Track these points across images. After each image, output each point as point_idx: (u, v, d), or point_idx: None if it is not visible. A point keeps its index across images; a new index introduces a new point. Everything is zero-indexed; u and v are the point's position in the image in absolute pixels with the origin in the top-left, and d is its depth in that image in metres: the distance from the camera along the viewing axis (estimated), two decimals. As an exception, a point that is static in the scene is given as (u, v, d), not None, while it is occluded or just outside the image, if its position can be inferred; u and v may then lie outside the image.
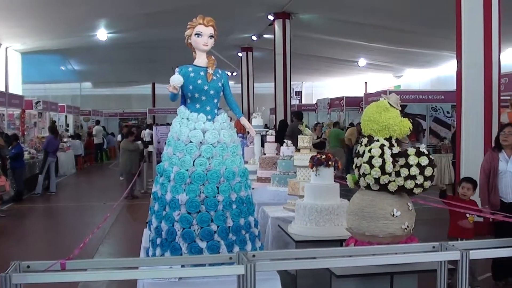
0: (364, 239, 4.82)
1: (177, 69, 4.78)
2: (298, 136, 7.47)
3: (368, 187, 4.83)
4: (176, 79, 4.69)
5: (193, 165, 4.55)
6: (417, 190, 4.69)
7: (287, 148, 8.56)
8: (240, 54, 32.11)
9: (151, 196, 4.95)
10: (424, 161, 4.64)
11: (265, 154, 9.62)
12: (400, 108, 4.94)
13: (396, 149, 4.75)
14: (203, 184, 4.52)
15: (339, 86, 39.66)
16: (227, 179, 4.57)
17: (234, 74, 36.45)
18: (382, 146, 4.72)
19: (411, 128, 4.87)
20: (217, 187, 4.55)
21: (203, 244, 4.47)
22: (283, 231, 6.34)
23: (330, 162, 6.06)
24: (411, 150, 4.70)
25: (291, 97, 25.16)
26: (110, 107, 42.88)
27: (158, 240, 4.63)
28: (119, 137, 26.85)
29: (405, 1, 18.11)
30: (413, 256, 3.87)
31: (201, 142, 4.60)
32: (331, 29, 23.95)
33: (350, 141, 19.97)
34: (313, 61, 31.88)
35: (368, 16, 20.60)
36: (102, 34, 25.25)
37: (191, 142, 4.60)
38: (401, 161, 4.68)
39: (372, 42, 25.71)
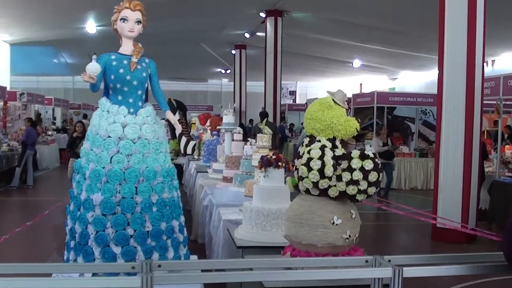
0: (301, 248, 4.39)
1: (94, 56, 4.33)
2: (258, 135, 7.05)
3: (307, 191, 4.39)
4: (92, 67, 4.25)
5: (110, 162, 4.11)
6: (360, 197, 4.25)
7: (250, 147, 8.12)
8: (233, 52, 31.67)
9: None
10: (368, 165, 4.19)
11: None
12: (347, 107, 4.50)
13: (339, 151, 4.31)
14: (120, 184, 4.08)
15: (333, 86, 39.03)
16: (147, 179, 4.13)
17: (228, 71, 36.04)
18: (323, 147, 4.28)
19: (358, 129, 4.42)
20: (136, 187, 4.10)
21: (117, 250, 4.05)
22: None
23: (280, 163, 5.63)
24: (355, 153, 4.26)
25: (281, 96, 24.72)
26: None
27: (72, 243, 4.22)
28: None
29: (398, 2, 17.69)
30: (338, 271, 3.42)
31: (120, 138, 4.16)
32: (324, 29, 23.57)
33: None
34: (307, 61, 31.46)
35: (362, 17, 20.20)
36: (91, 26, 24.86)
37: (109, 137, 4.17)
38: (344, 164, 4.25)
39: (366, 43, 25.28)
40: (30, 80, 39.39)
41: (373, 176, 4.19)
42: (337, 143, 4.38)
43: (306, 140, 4.53)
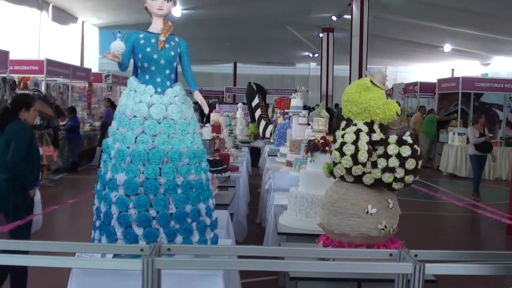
0: (334, 237, 4.17)
1: (118, 35, 4.22)
2: (314, 118, 6.80)
3: (342, 178, 4.15)
4: (116, 46, 4.14)
5: (135, 142, 4.01)
6: (396, 185, 3.97)
7: (312, 131, 7.87)
8: (321, 35, 31.19)
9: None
10: (406, 151, 3.91)
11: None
12: (387, 88, 4.21)
13: (377, 136, 4.04)
14: (144, 164, 3.97)
15: (424, 71, 37.91)
16: (171, 160, 3.99)
17: (316, 55, 35.60)
18: (358, 131, 4.02)
19: (399, 112, 4.12)
20: (160, 169, 3.98)
21: (139, 231, 3.94)
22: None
23: (327, 148, 5.38)
24: (392, 138, 3.98)
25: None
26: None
27: (98, 223, 4.15)
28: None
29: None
30: (353, 264, 3.17)
31: (145, 117, 4.04)
32: (412, 11, 22.74)
33: (414, 130, 18.97)
34: (396, 45, 30.57)
35: (453, -1, 19.35)
36: (177, 10, 25.08)
37: (135, 116, 4.06)
38: (380, 150, 3.98)
39: (457, 27, 24.25)
40: (122, 63, 40.22)
41: (410, 164, 3.91)
42: (375, 127, 4.11)
43: (343, 124, 4.29)
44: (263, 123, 16.76)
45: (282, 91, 35.23)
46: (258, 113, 17.59)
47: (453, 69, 36.74)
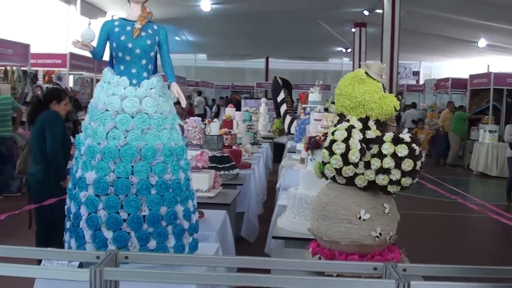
0: (325, 244, 3.78)
1: (89, 23, 3.92)
2: (323, 114, 6.42)
3: (334, 179, 3.76)
4: (86, 34, 3.82)
5: (106, 138, 3.68)
6: (392, 189, 3.57)
7: (320, 127, 7.48)
8: (353, 30, 30.66)
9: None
10: (402, 150, 3.50)
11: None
12: (384, 81, 3.81)
13: (372, 134, 3.63)
14: (115, 162, 3.64)
15: (458, 67, 36.99)
16: (144, 158, 3.65)
17: (349, 50, 35.03)
18: (350, 128, 3.63)
19: (398, 107, 3.72)
20: (132, 167, 3.65)
21: (108, 234, 3.62)
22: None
23: (329, 146, 4.98)
24: (387, 136, 3.58)
25: (398, 76, 23.57)
26: (224, 79, 42.88)
27: (68, 224, 3.84)
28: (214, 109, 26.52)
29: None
30: (328, 280, 2.79)
31: (117, 111, 3.71)
32: (446, 6, 22.13)
33: (443, 127, 18.38)
34: (429, 40, 29.89)
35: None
36: (206, 4, 24.88)
37: (107, 110, 3.73)
38: (374, 149, 3.58)
39: (492, 22, 23.50)
40: (153, 57, 40.31)
41: (407, 165, 3.49)
42: (371, 124, 3.71)
43: (335, 120, 3.90)
44: (288, 118, 16.35)
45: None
46: (283, 108, 17.19)
47: (488, 65, 35.82)
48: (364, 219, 3.61)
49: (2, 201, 10.16)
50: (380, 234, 3.63)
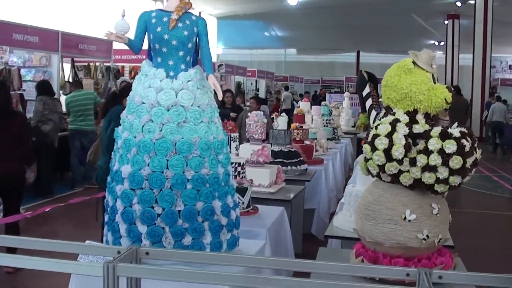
0: (369, 246, 3.56)
1: (122, 13, 3.84)
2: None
3: (379, 176, 3.52)
4: (119, 25, 3.75)
5: (142, 131, 3.60)
6: (439, 188, 3.29)
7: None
8: (445, 22, 29.71)
9: None
10: (450, 146, 3.21)
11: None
12: (434, 71, 3.53)
13: (420, 128, 3.37)
14: (150, 156, 3.55)
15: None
16: (180, 152, 3.54)
17: (442, 43, 33.97)
18: (395, 122, 3.38)
19: (449, 100, 3.44)
20: (167, 161, 3.55)
21: (143, 229, 3.53)
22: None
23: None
24: (434, 130, 3.30)
25: (491, 70, 22.61)
26: (314, 74, 42.62)
27: (106, 217, 3.79)
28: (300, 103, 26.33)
29: None
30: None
31: (152, 104, 3.62)
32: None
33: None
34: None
35: None
36: (293, -2, 24.78)
37: (143, 103, 3.65)
38: (421, 144, 3.32)
39: None
40: (244, 53, 40.72)
41: (455, 162, 3.20)
42: (419, 117, 3.45)
43: (382, 113, 3.66)
44: (373, 113, 15.93)
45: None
46: (368, 102, 16.78)
47: None
48: (409, 220, 3.36)
49: (82, 192, 10.41)
50: (427, 236, 3.37)
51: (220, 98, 3.95)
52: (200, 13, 25.57)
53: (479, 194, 12.07)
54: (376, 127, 3.44)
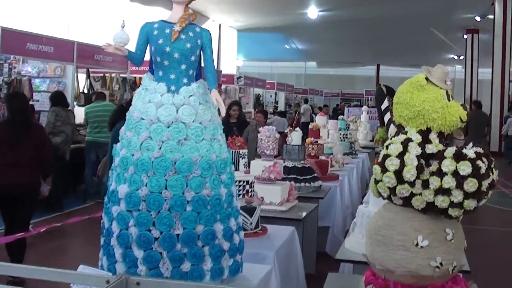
0: (379, 273, 3.35)
1: (122, 25, 3.67)
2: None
3: (390, 199, 3.32)
4: (118, 37, 3.58)
5: (140, 149, 3.42)
6: (453, 212, 3.08)
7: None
8: (465, 36, 29.50)
9: None
10: (465, 168, 3.01)
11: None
12: (449, 87, 3.33)
13: (433, 148, 3.17)
14: (148, 175, 3.37)
15: None
16: (179, 171, 3.36)
17: (461, 57, 33.66)
18: (406, 141, 3.19)
19: (464, 118, 3.23)
20: (166, 181, 3.37)
21: (139, 253, 3.35)
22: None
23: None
24: (448, 151, 3.10)
25: (509, 83, 22.28)
26: (333, 87, 42.45)
27: (102, 240, 3.62)
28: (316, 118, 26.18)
29: None
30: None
31: (152, 120, 3.45)
32: None
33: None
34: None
35: None
36: (313, 11, 24.69)
37: (142, 119, 3.48)
38: (434, 166, 3.11)
39: None
40: (264, 65, 40.69)
41: (470, 185, 2.99)
42: (432, 136, 3.25)
43: (393, 131, 3.47)
44: (392, 127, 15.72)
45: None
46: (387, 116, 16.55)
47: None
48: (422, 246, 3.15)
49: (93, 206, 10.28)
50: (440, 264, 3.15)
51: (223, 114, 3.78)
52: (220, 25, 25.54)
53: (497, 210, 11.75)
54: (386, 147, 3.25)
